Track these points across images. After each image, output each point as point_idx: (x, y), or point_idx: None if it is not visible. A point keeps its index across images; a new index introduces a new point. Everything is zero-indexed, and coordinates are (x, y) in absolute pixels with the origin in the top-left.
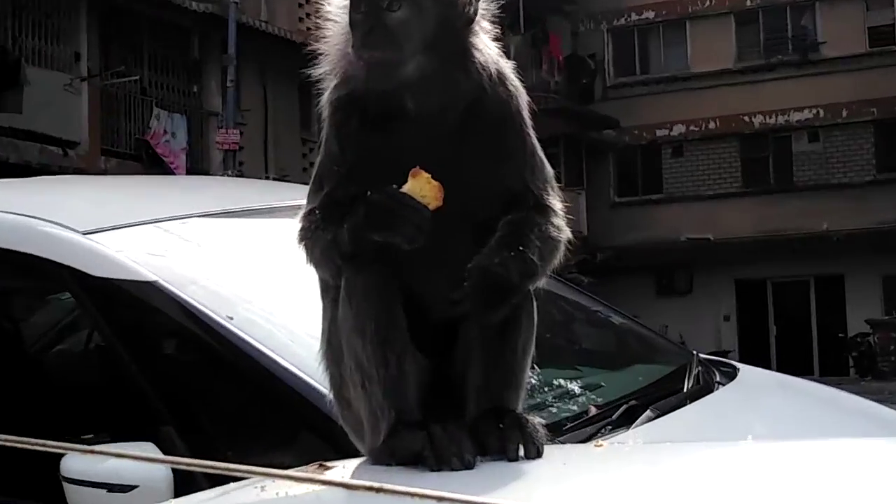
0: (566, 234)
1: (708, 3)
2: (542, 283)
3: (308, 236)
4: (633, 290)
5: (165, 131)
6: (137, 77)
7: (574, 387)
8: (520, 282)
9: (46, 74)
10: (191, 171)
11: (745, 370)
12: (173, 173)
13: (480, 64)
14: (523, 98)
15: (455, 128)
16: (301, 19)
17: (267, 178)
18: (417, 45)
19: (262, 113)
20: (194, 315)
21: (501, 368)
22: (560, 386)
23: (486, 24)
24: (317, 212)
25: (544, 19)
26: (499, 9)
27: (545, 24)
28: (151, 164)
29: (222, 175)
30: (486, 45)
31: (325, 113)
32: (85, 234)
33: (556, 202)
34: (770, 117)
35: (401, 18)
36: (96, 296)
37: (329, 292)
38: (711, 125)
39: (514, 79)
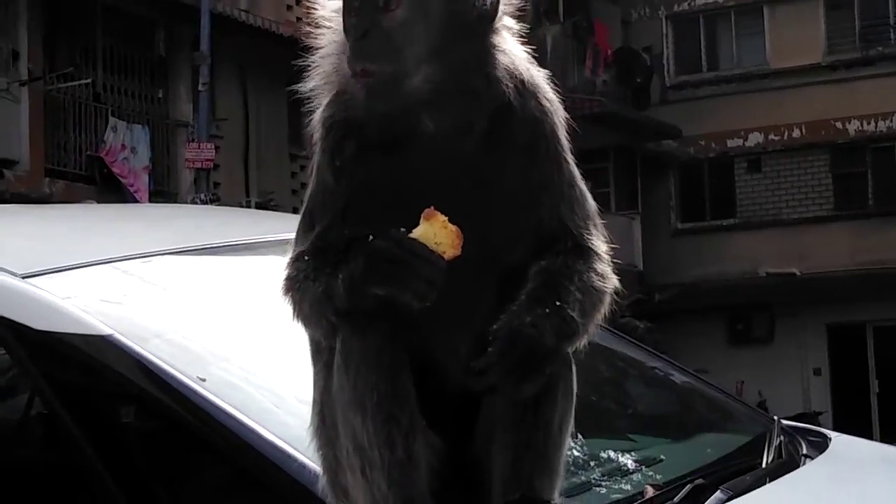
0: (612, 282)
1: None
2: (583, 343)
3: (295, 287)
4: (700, 338)
5: (124, 146)
6: (90, 80)
7: (627, 461)
8: (557, 345)
9: None
10: (154, 193)
11: (838, 440)
12: (133, 197)
13: (504, 72)
14: (560, 115)
15: (475, 153)
16: (290, 7)
17: (248, 202)
18: (423, 52)
19: (242, 123)
20: (157, 376)
21: (533, 450)
22: (610, 460)
23: (509, 22)
24: (306, 257)
25: (589, 4)
26: None
27: (590, 11)
28: (106, 186)
29: (193, 198)
30: (512, 48)
31: (317, 135)
32: (24, 277)
33: (600, 243)
34: (868, 123)
35: (401, 19)
36: (38, 352)
37: (321, 355)
38: (796, 133)
39: (549, 90)
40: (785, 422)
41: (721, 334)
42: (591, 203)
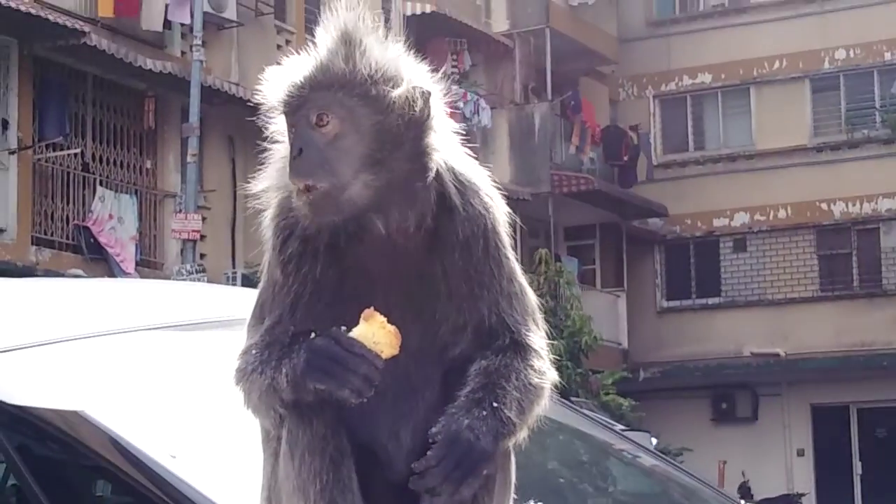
0: (550, 377)
1: (777, 64)
2: (521, 439)
3: (244, 378)
4: (684, 417)
5: (111, 216)
6: (78, 150)
7: None
8: (494, 447)
9: None
10: (141, 263)
11: None
12: (119, 267)
13: (445, 171)
14: (500, 210)
15: (419, 250)
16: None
17: (234, 273)
18: (359, 163)
19: (230, 194)
20: (129, 453)
21: None
22: None
23: (444, 120)
24: (254, 351)
25: (577, 83)
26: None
27: (578, 90)
28: (93, 255)
29: (179, 269)
30: (449, 146)
31: (267, 234)
32: None
33: (538, 339)
34: (854, 205)
35: (332, 134)
36: (10, 428)
37: (270, 443)
38: (781, 214)
39: (489, 186)
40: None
41: (705, 413)
42: (531, 298)
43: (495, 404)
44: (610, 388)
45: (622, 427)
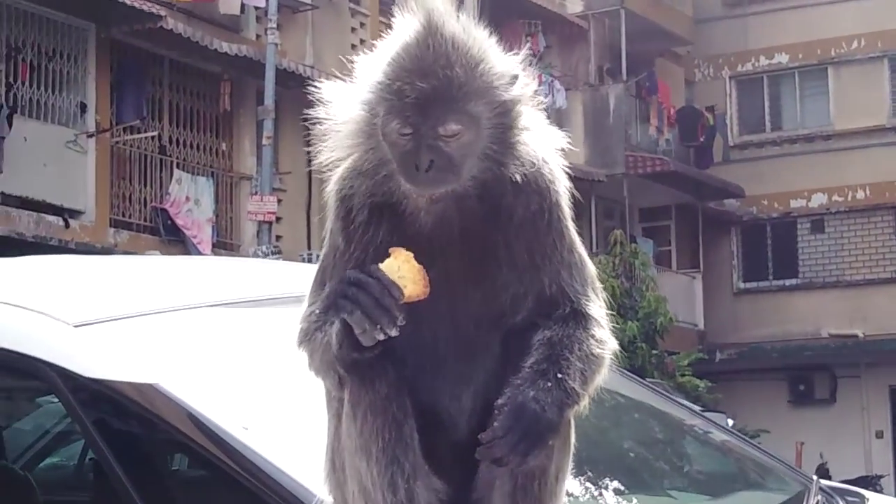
0: (611, 346)
1: (855, 44)
2: (583, 408)
3: (306, 339)
4: (761, 399)
5: (188, 198)
6: (155, 133)
7: None
8: (559, 419)
9: (45, 129)
10: (217, 245)
11: (875, 500)
12: (196, 248)
13: (525, 153)
14: (563, 183)
15: (479, 221)
16: (352, 69)
17: (309, 255)
18: (475, 161)
19: (305, 177)
20: (202, 424)
21: (531, 498)
22: None
23: (531, 103)
24: (316, 311)
25: (652, 64)
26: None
27: (653, 70)
28: (170, 237)
29: (255, 251)
30: (533, 125)
31: (331, 202)
32: (76, 326)
33: (598, 308)
34: None
35: (458, 143)
36: (88, 400)
37: (332, 404)
38: (860, 194)
39: (554, 159)
40: (824, 482)
41: (782, 395)
42: (591, 268)
43: (559, 375)
44: (686, 370)
45: (698, 408)
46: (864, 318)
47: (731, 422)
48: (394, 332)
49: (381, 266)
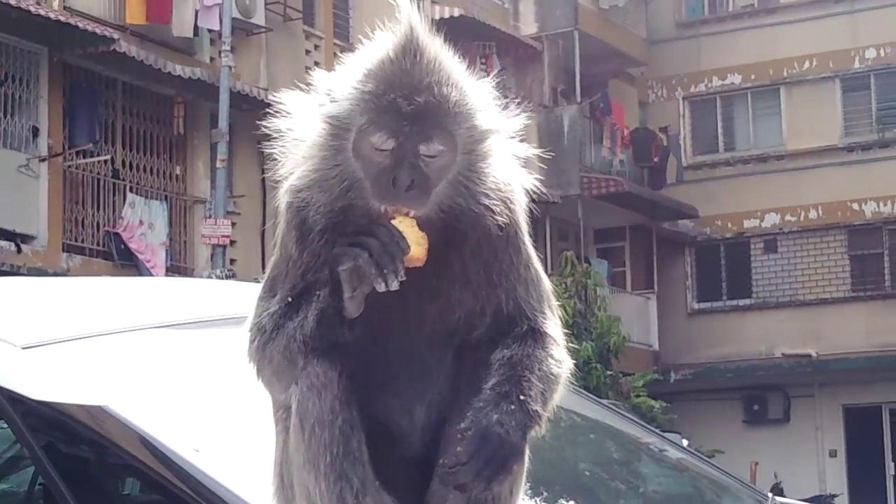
0: (567, 365)
1: (807, 64)
2: (544, 430)
3: (260, 347)
4: (715, 419)
5: (141, 222)
6: (108, 157)
7: None
8: (523, 442)
9: None
10: (171, 269)
11: None
12: (150, 272)
13: (493, 183)
14: (521, 200)
15: (434, 236)
16: (309, 85)
17: (264, 277)
18: (444, 187)
19: (260, 200)
20: (153, 447)
21: None
22: None
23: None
24: (273, 315)
25: (606, 85)
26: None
27: (607, 91)
28: (123, 261)
29: (209, 274)
30: (504, 155)
31: (283, 207)
32: (24, 348)
33: (555, 326)
34: (885, 204)
35: (438, 164)
36: (37, 424)
37: (280, 417)
38: (812, 214)
39: (518, 179)
40: (780, 499)
41: (737, 415)
42: (547, 283)
43: (521, 397)
44: (641, 391)
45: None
46: (818, 338)
47: (686, 442)
48: (394, 286)
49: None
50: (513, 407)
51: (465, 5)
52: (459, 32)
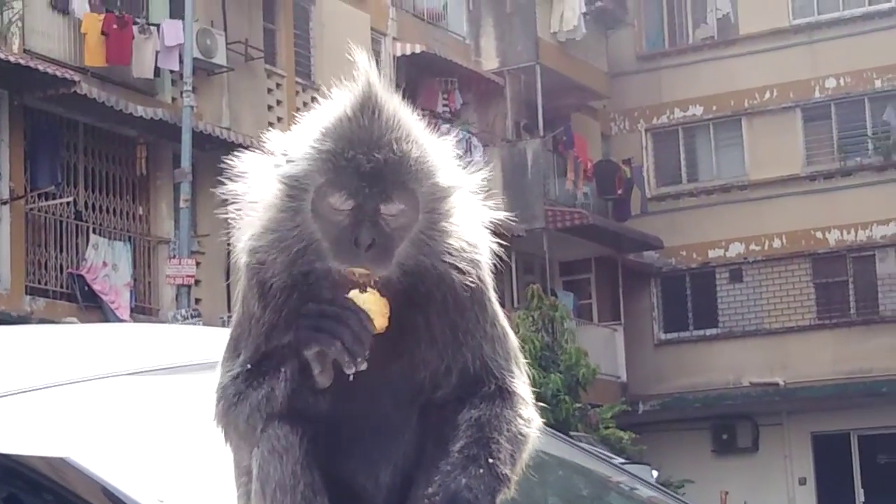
0: (536, 424)
1: (768, 95)
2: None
3: (226, 411)
4: (685, 449)
5: (105, 263)
6: (71, 199)
7: None
8: None
9: None
10: (135, 310)
11: None
12: (114, 314)
13: (455, 241)
14: (485, 252)
15: (397, 295)
16: (271, 124)
17: (229, 317)
18: (405, 247)
19: (224, 239)
20: (116, 498)
21: None
22: None
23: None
24: (237, 377)
25: (569, 118)
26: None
27: (570, 125)
28: (88, 303)
29: (174, 315)
30: (466, 212)
31: (242, 266)
32: None
33: (523, 385)
34: (848, 232)
35: (400, 225)
36: None
37: (241, 480)
38: (777, 244)
39: (482, 237)
40: None
41: (705, 445)
42: (513, 340)
43: (490, 460)
44: (609, 422)
45: (622, 460)
46: (785, 367)
47: (655, 473)
48: (363, 367)
49: (349, 295)
50: (481, 471)
51: (426, 42)
52: (421, 69)
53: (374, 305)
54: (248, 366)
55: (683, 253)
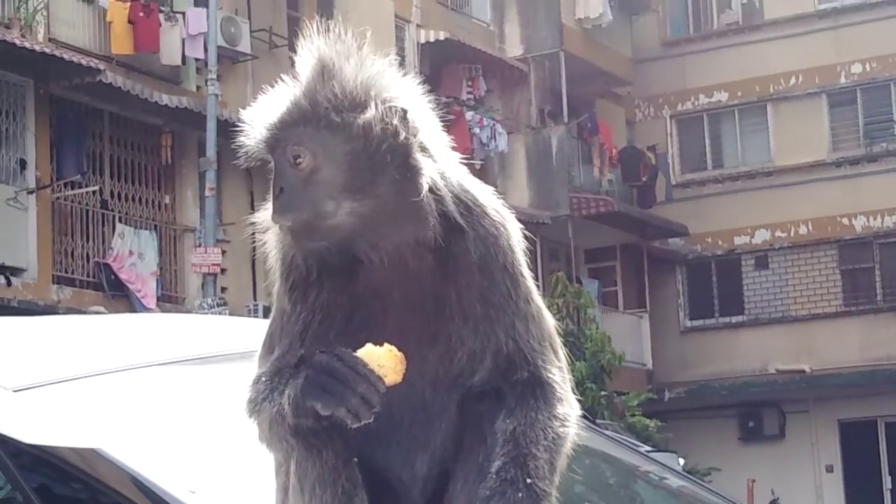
0: (573, 418)
1: (794, 80)
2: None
3: (255, 409)
4: (711, 437)
5: (131, 252)
6: (97, 187)
7: None
8: None
9: None
10: (162, 299)
11: None
12: (141, 303)
13: (440, 191)
14: (513, 230)
15: (430, 272)
16: None
17: (255, 306)
18: (339, 192)
19: (249, 227)
20: (148, 489)
21: None
22: None
23: (433, 136)
24: (263, 379)
25: (593, 105)
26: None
27: (594, 111)
28: (114, 292)
29: (200, 303)
30: (444, 164)
31: (274, 263)
32: (16, 391)
33: (558, 371)
34: (875, 218)
35: (309, 170)
36: (29, 467)
37: (280, 476)
38: (803, 230)
39: (498, 206)
40: None
41: (732, 432)
42: (549, 321)
43: (528, 480)
44: (635, 410)
45: (648, 448)
46: (811, 353)
47: (682, 461)
48: (370, 420)
49: (361, 353)
50: (520, 495)
51: (450, 28)
52: (446, 56)
53: (388, 361)
54: (274, 370)
55: (709, 240)
